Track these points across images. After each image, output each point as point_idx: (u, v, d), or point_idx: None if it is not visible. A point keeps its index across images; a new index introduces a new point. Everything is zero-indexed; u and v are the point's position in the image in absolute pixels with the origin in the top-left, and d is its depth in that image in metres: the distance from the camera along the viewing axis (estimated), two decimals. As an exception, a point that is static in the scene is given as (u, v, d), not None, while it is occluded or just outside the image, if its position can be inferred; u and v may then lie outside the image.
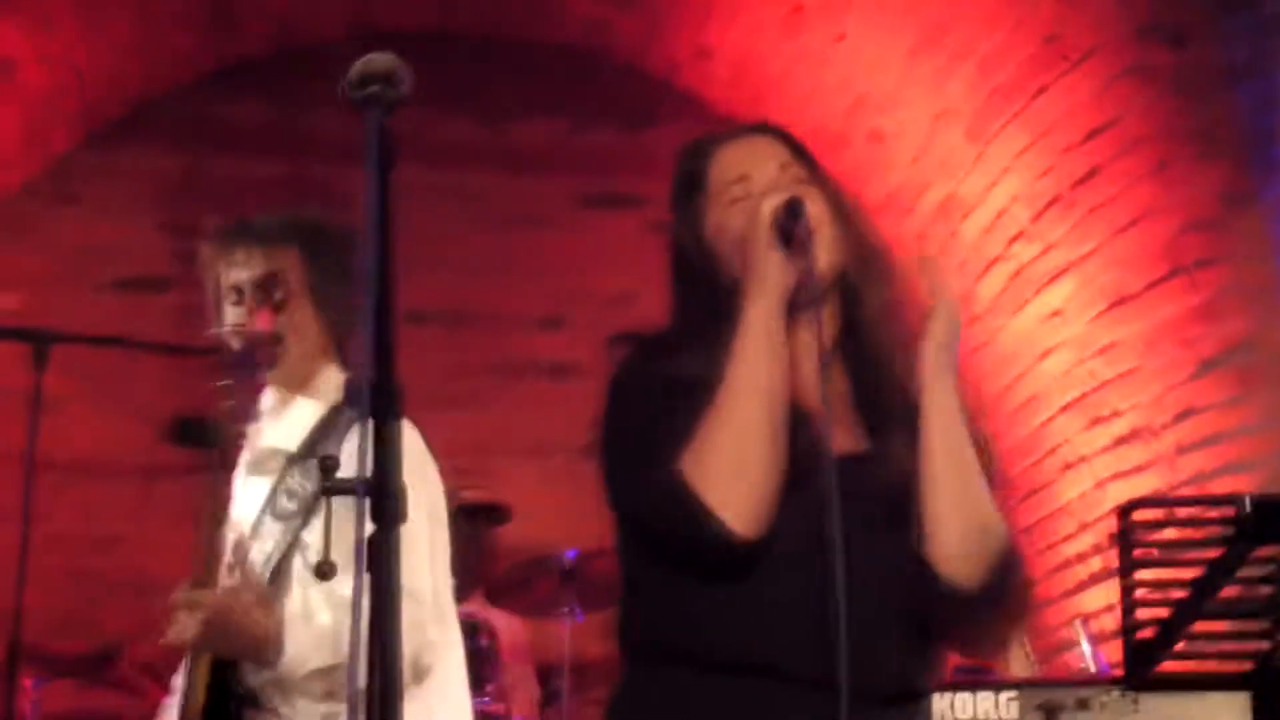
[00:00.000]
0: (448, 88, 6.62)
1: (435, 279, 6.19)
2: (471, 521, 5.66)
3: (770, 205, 2.47)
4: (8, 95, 5.98)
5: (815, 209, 2.47)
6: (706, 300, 2.60)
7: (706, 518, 2.34)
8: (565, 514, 5.47)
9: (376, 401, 1.76)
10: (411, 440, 3.29)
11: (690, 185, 2.68)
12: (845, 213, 2.59)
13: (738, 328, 2.44)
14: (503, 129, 7.00)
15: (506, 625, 5.77)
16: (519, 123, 7.02)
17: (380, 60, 2.02)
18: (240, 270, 3.43)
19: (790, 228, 2.44)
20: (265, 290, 3.43)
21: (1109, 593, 5.53)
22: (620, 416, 2.55)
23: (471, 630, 5.41)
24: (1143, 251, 5.32)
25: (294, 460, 3.41)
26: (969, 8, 5.47)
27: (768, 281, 2.45)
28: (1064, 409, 5.94)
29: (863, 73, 6.21)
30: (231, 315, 3.43)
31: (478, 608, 5.70)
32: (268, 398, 3.53)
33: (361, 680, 1.70)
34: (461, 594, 4.98)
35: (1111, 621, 5.43)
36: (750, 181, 2.60)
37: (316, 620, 3.15)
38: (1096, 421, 5.75)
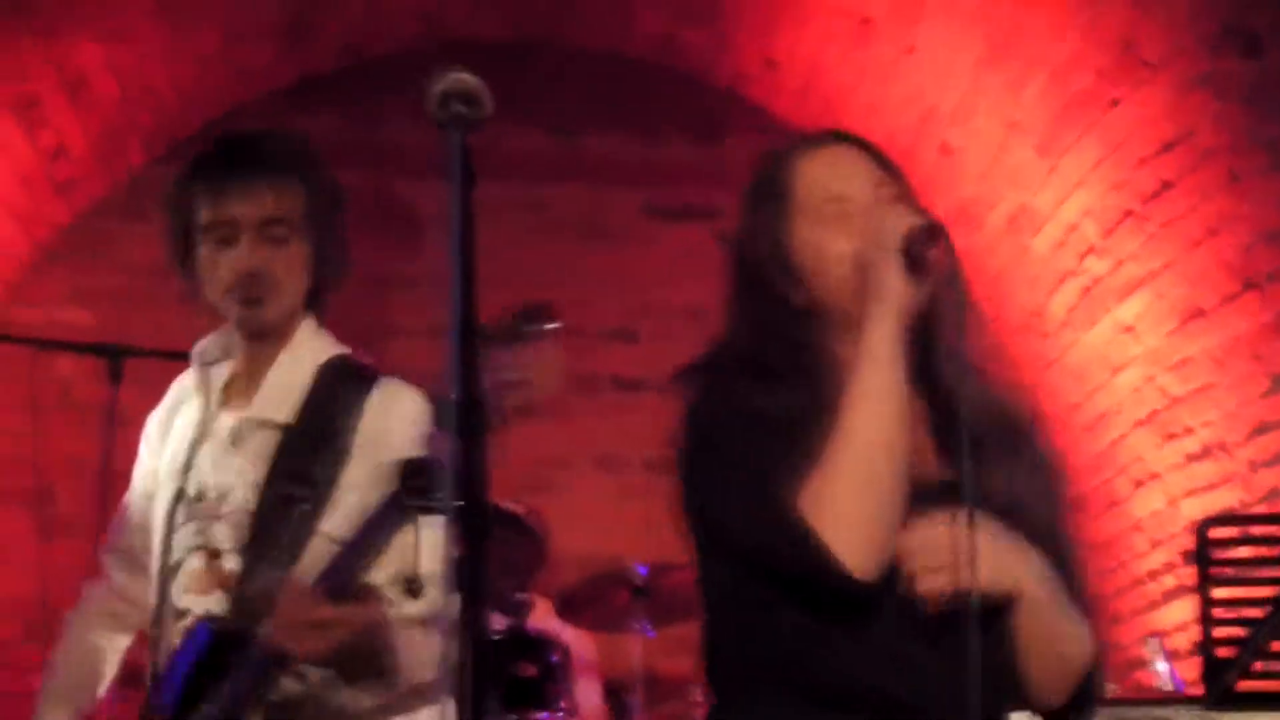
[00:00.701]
0: (519, 99, 6.64)
1: (506, 292, 6.17)
2: (503, 531, 5.64)
3: (904, 227, 2.40)
4: (83, 110, 6.03)
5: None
6: (777, 317, 2.55)
7: (829, 561, 2.28)
8: (637, 528, 5.47)
9: (464, 420, 1.76)
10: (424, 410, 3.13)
11: (770, 194, 2.62)
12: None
13: (860, 351, 2.38)
14: (573, 141, 7.02)
15: (577, 640, 5.76)
16: (589, 135, 7.04)
17: (463, 80, 2.04)
18: (237, 204, 3.11)
19: (922, 254, 2.38)
20: (268, 227, 3.13)
21: (1183, 610, 5.49)
22: (711, 449, 2.48)
23: (544, 646, 5.42)
24: (1215, 266, 5.28)
25: (292, 435, 3.15)
26: (1040, 17, 5.44)
27: (893, 304, 2.38)
28: (1136, 425, 5.91)
29: (932, 84, 6.19)
30: (224, 258, 3.12)
31: (549, 623, 5.70)
32: (232, 351, 3.29)
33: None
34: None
35: (1185, 640, 5.39)
36: (848, 202, 2.53)
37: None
38: (1169, 438, 5.72)
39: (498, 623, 5.36)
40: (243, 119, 6.72)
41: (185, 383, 3.34)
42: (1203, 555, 3.58)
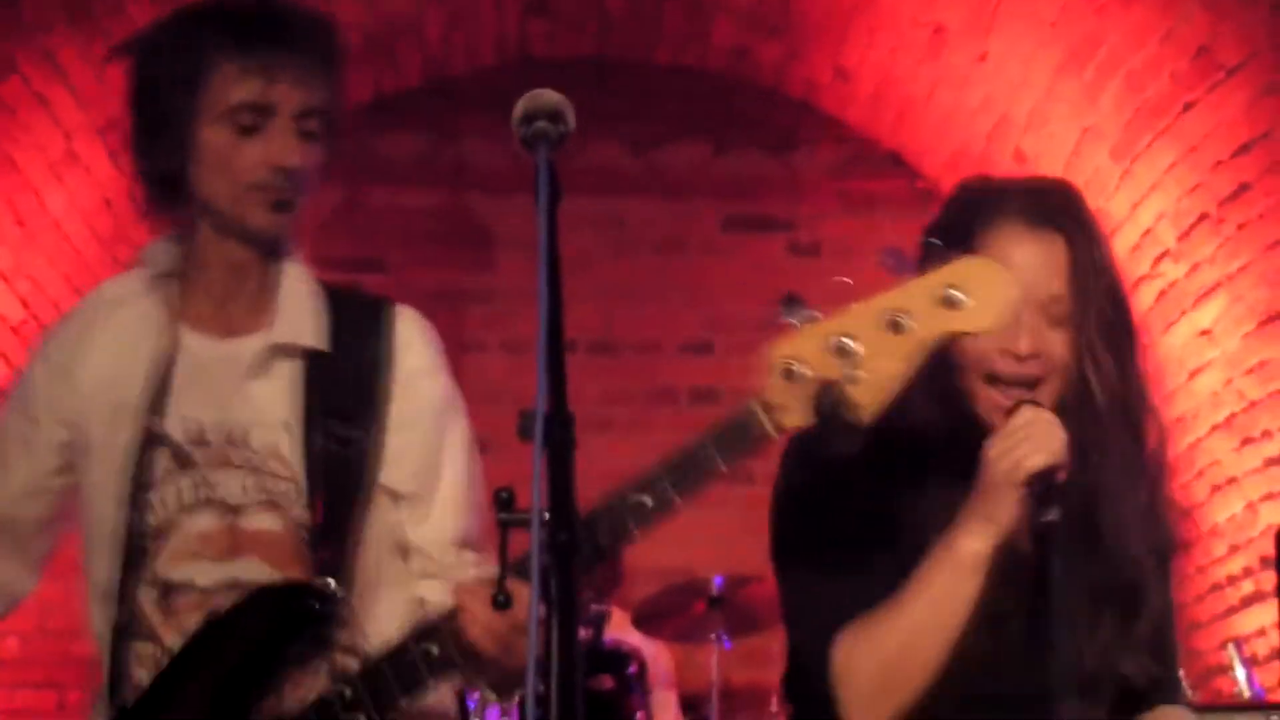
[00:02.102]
0: (597, 116, 6.68)
1: (584, 305, 6.24)
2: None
3: (1035, 466, 2.28)
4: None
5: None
6: (937, 367, 2.36)
7: (834, 708, 2.34)
8: (714, 540, 5.50)
9: (551, 432, 1.77)
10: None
11: (955, 240, 2.40)
12: (1095, 352, 2.42)
13: (944, 548, 2.32)
14: (649, 154, 7.05)
15: (654, 652, 5.78)
16: (665, 147, 7.07)
17: (547, 97, 2.04)
18: (281, 86, 2.54)
19: (1045, 497, 2.28)
20: (305, 119, 2.57)
21: (1262, 616, 5.45)
22: (803, 532, 2.50)
23: (621, 659, 5.44)
24: (1293, 269, 5.26)
25: (322, 364, 2.63)
26: (1117, 21, 5.43)
27: (999, 527, 2.31)
28: (1214, 429, 5.88)
29: (1006, 92, 6.18)
30: (250, 146, 2.54)
31: (626, 635, 5.72)
32: (190, 263, 2.67)
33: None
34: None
35: (1265, 646, 5.36)
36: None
37: None
38: (1247, 442, 5.68)
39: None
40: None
41: (110, 297, 2.74)
42: (1282, 559, 3.57)
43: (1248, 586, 5.74)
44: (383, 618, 2.53)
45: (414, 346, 2.69)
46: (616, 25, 6.81)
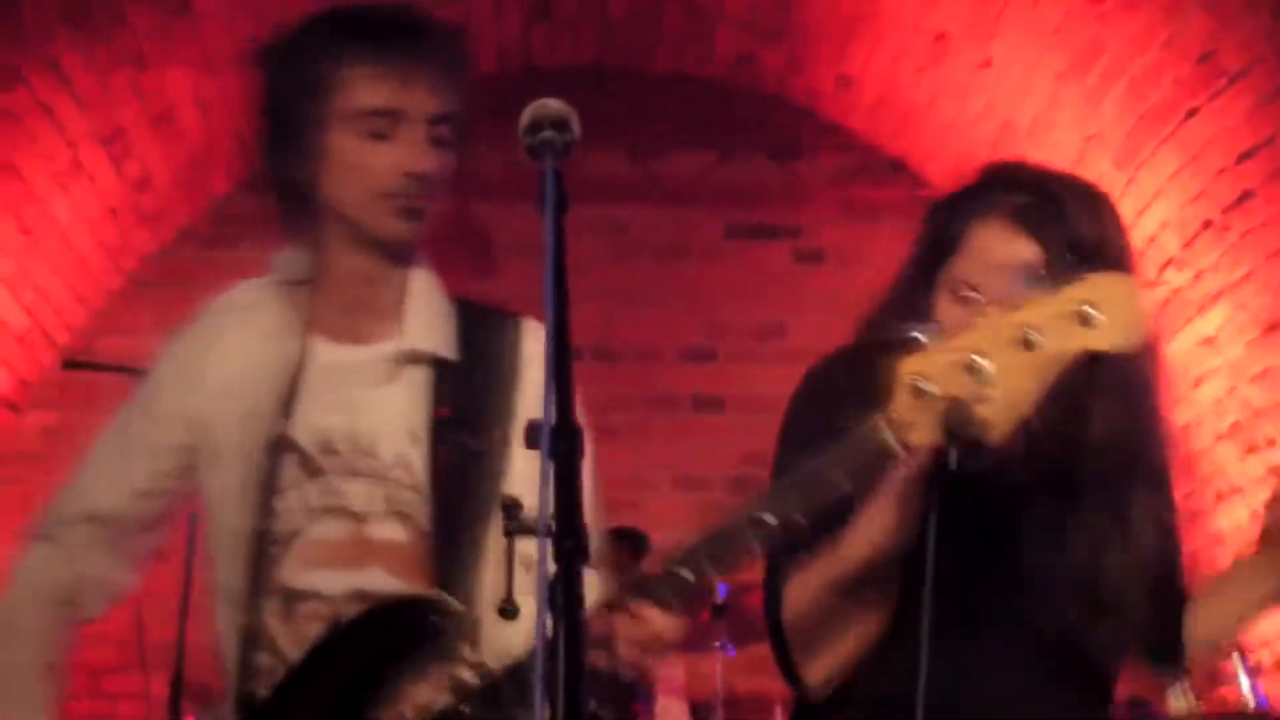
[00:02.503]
0: (600, 123, 6.67)
1: (586, 312, 6.22)
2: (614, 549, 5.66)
3: (947, 407, 2.19)
4: (168, 140, 6.11)
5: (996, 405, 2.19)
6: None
7: (792, 667, 2.43)
8: (718, 546, 5.49)
9: (558, 443, 1.77)
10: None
11: (943, 235, 2.52)
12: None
13: (885, 488, 2.28)
14: (651, 161, 7.05)
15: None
16: (667, 155, 7.08)
17: (552, 106, 2.04)
18: (414, 91, 2.53)
19: (961, 439, 2.18)
20: (437, 125, 2.56)
21: (1267, 625, 5.45)
22: (784, 461, 2.52)
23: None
24: (1297, 276, 5.26)
25: (450, 373, 2.60)
26: (1119, 28, 5.43)
27: (917, 465, 2.25)
28: (1219, 438, 5.87)
29: (1009, 99, 6.18)
30: (381, 153, 2.53)
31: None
32: (317, 271, 2.65)
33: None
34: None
35: (1269, 655, 5.36)
36: (981, 291, 2.42)
37: None
38: (1251, 450, 5.68)
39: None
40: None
41: (240, 302, 2.74)
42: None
43: (1252, 594, 5.72)
44: (506, 636, 2.42)
45: (540, 362, 2.48)
46: (618, 33, 6.81)
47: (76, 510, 2.73)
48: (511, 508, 1.88)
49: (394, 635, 2.43)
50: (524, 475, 2.51)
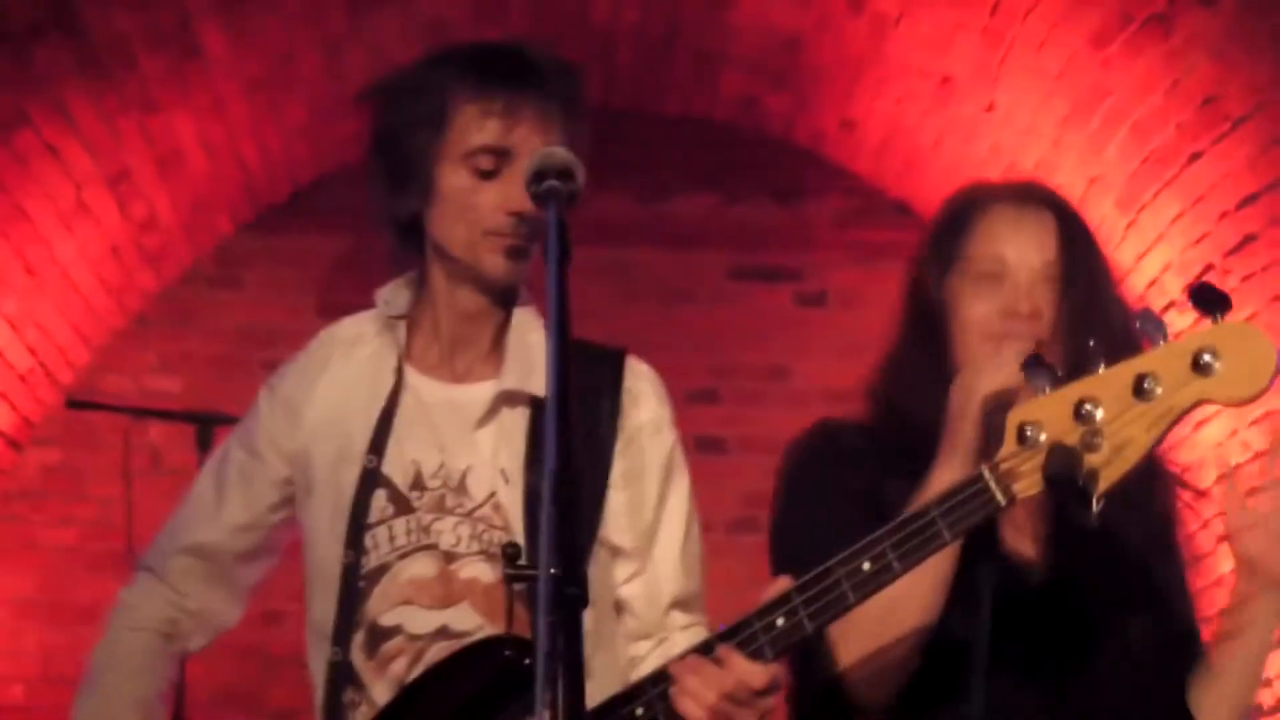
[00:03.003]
0: (606, 165, 6.67)
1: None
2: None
3: (986, 391, 2.28)
4: (173, 181, 6.13)
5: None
6: (935, 353, 2.49)
7: (836, 684, 2.33)
8: (722, 590, 5.47)
9: (558, 489, 1.76)
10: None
11: (951, 232, 2.56)
12: (1091, 314, 2.44)
13: (923, 488, 2.28)
14: (656, 203, 7.06)
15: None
16: (672, 197, 7.08)
17: (557, 155, 2.06)
18: (526, 130, 2.54)
19: (999, 422, 2.20)
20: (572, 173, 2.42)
21: (1268, 666, 5.44)
22: (792, 512, 2.53)
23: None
24: (1299, 320, 5.26)
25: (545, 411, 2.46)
26: (1123, 73, 5.45)
27: (965, 455, 2.29)
28: (1219, 480, 5.86)
29: (1013, 141, 6.20)
30: (491, 190, 2.53)
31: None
32: (416, 306, 2.67)
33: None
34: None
35: (1270, 696, 5.35)
36: (1006, 265, 2.46)
37: None
38: (1252, 493, 5.67)
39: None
40: (326, 187, 6.78)
41: (342, 336, 2.77)
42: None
43: (1255, 638, 5.71)
44: (599, 675, 2.39)
45: (643, 401, 2.69)
46: (625, 76, 6.83)
47: (178, 544, 2.76)
48: (512, 554, 1.88)
49: (490, 676, 2.39)
50: (620, 512, 2.56)
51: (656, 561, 2.61)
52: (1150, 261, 5.90)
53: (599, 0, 6.24)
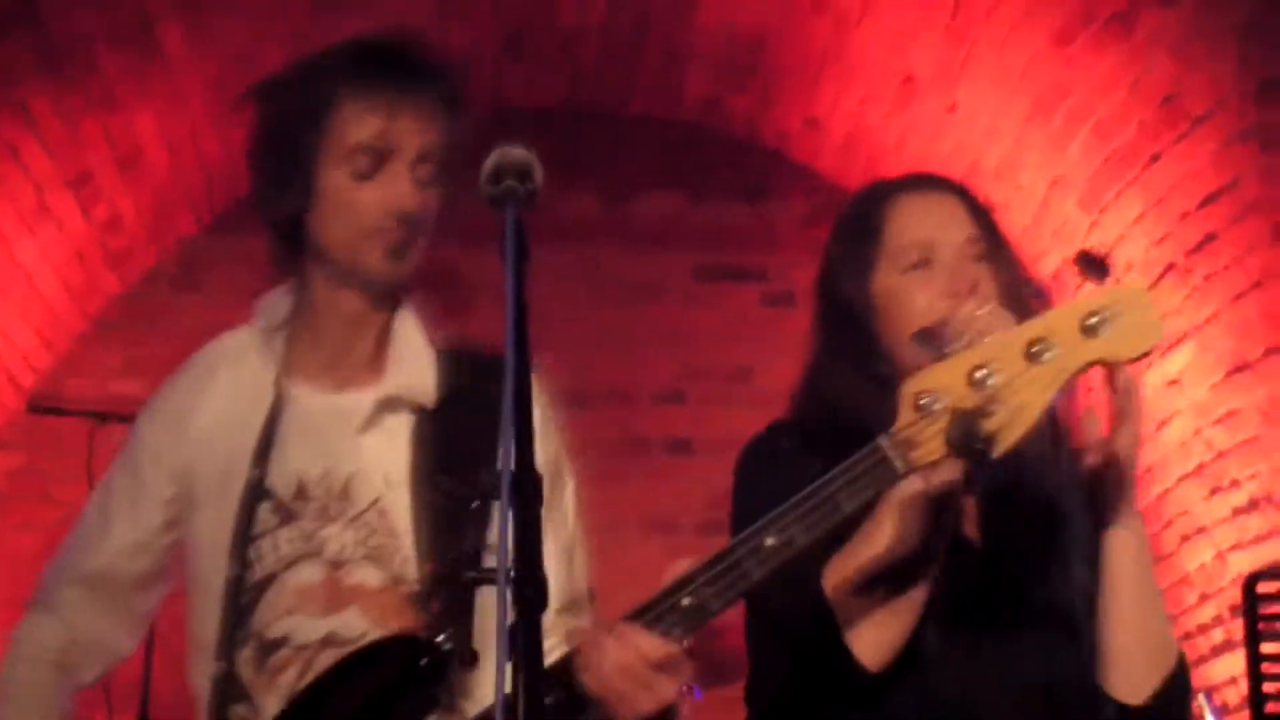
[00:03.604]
0: (570, 165, 6.67)
1: (556, 354, 6.22)
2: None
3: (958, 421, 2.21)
4: (135, 182, 6.10)
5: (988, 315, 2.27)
6: (859, 355, 2.51)
7: (838, 646, 2.29)
8: (686, 588, 5.49)
9: (516, 489, 1.76)
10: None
11: (862, 232, 2.56)
12: (1015, 290, 2.47)
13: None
14: (622, 204, 7.06)
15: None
16: (637, 197, 7.08)
17: (515, 154, 2.03)
18: (405, 127, 2.52)
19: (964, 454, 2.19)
20: (422, 164, 2.53)
21: (1232, 665, 5.46)
22: (751, 503, 2.51)
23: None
24: (1260, 318, 5.27)
25: (434, 420, 2.56)
26: (1085, 72, 5.47)
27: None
28: (1183, 479, 5.89)
29: (976, 141, 6.22)
30: (369, 191, 2.51)
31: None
32: (298, 314, 2.64)
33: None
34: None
35: (1236, 695, 5.37)
36: (932, 249, 2.48)
37: None
38: (1216, 491, 5.69)
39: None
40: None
41: (225, 349, 2.73)
42: (1251, 609, 3.57)
43: (1218, 635, 5.74)
44: (490, 682, 2.37)
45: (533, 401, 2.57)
46: (589, 74, 6.84)
47: (67, 575, 2.71)
48: (472, 556, 1.88)
49: (385, 677, 2.38)
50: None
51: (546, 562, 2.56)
52: (1113, 260, 5.91)
53: (564, -1, 6.24)
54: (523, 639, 1.66)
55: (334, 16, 5.85)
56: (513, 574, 1.70)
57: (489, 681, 2.27)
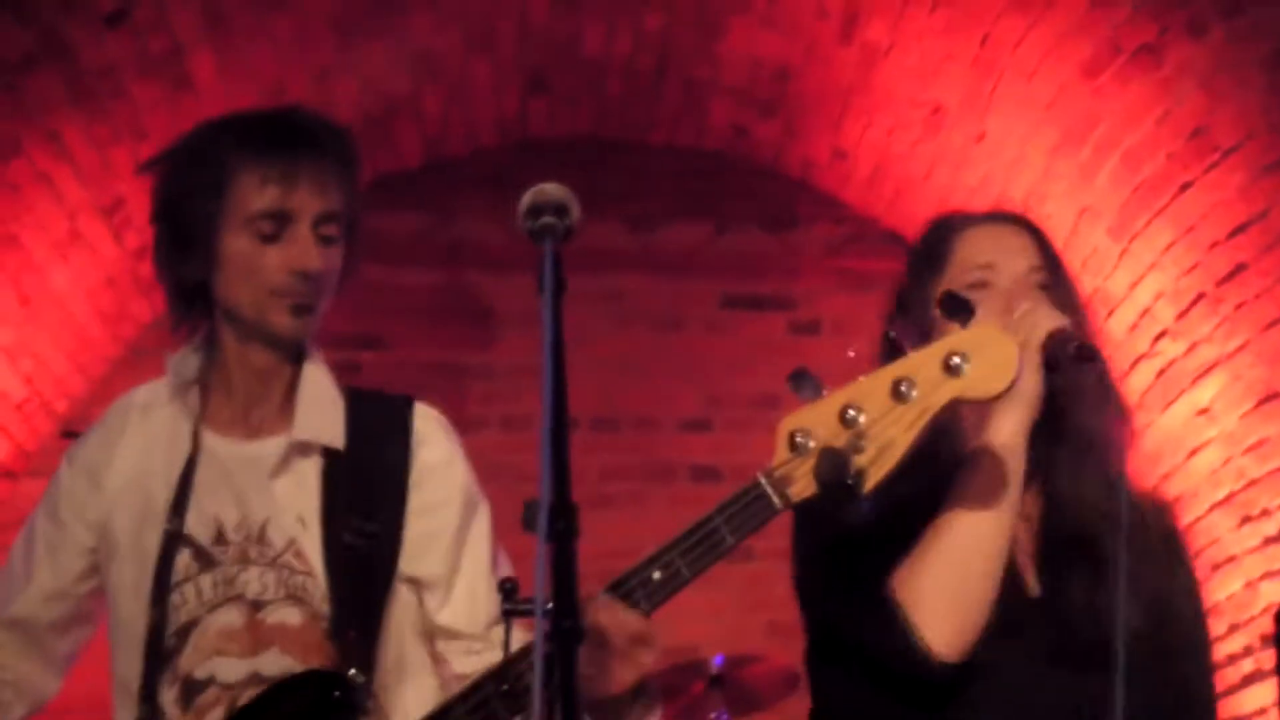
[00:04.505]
0: (597, 195, 6.69)
1: (583, 382, 6.22)
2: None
3: (1048, 329, 2.40)
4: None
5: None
6: None
7: (914, 640, 2.33)
8: (714, 618, 5.50)
9: (554, 523, 1.78)
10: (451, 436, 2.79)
11: (931, 261, 2.65)
12: (1081, 324, 2.53)
13: (983, 438, 2.40)
14: (648, 233, 7.07)
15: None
16: (663, 226, 7.09)
17: (552, 190, 2.07)
18: (302, 193, 2.61)
19: (1062, 359, 2.38)
20: (325, 224, 2.64)
21: (1262, 694, 5.45)
22: (819, 542, 2.54)
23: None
24: (1292, 348, 5.29)
25: (341, 463, 2.67)
26: (1113, 103, 5.47)
27: (1027, 400, 2.40)
28: (1213, 508, 5.88)
29: (1004, 171, 6.22)
30: (273, 253, 2.60)
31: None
32: (210, 368, 2.75)
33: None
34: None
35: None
36: (995, 270, 2.56)
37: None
38: (1246, 520, 5.69)
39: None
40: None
41: (137, 403, 2.82)
42: (1282, 640, 3.55)
43: (1248, 665, 5.73)
44: (410, 705, 2.56)
45: (430, 441, 2.76)
46: (614, 105, 6.86)
47: None
48: (509, 589, 1.89)
49: (299, 712, 2.48)
50: (419, 544, 2.66)
51: (469, 584, 2.67)
52: (1143, 290, 5.92)
53: (590, 31, 6.26)
54: (559, 669, 1.68)
55: (363, 48, 5.89)
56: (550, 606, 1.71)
57: (400, 710, 2.52)
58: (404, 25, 5.88)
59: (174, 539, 2.63)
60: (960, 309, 2.30)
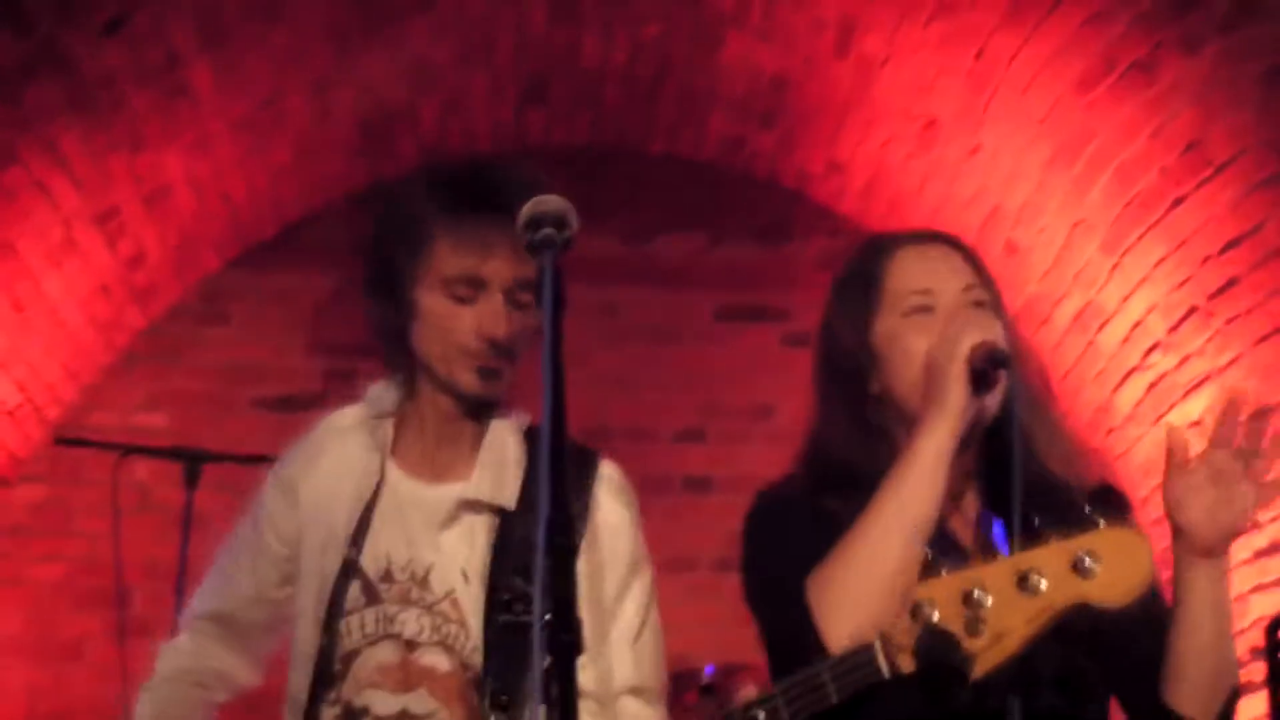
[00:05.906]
0: (593, 205, 6.68)
1: (576, 393, 6.21)
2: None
3: (973, 342, 2.42)
4: (160, 219, 6.14)
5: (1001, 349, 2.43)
6: (856, 411, 2.59)
7: (814, 637, 2.35)
8: (706, 628, 5.49)
9: (552, 537, 1.78)
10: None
11: (863, 282, 2.65)
12: (1013, 341, 2.54)
13: (906, 451, 2.42)
14: (643, 244, 7.08)
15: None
16: (659, 237, 7.10)
17: (552, 203, 2.08)
18: (496, 261, 2.65)
19: (986, 374, 2.41)
20: (519, 291, 2.67)
21: (1252, 707, 5.45)
22: (759, 542, 2.58)
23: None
24: (1283, 362, 5.30)
25: (513, 521, 2.71)
26: (1107, 118, 5.49)
27: (952, 414, 2.41)
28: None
29: (998, 184, 6.24)
30: (466, 315, 2.67)
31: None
32: (403, 408, 2.83)
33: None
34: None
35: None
36: (932, 296, 2.57)
37: None
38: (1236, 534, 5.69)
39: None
40: (314, 224, 6.80)
41: (339, 425, 2.89)
42: (1272, 652, 3.57)
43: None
44: None
45: (606, 506, 2.83)
46: (611, 116, 6.87)
47: (201, 607, 2.97)
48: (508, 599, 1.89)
49: None
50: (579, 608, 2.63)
51: (610, 650, 2.71)
52: (1135, 304, 5.93)
53: (588, 41, 6.27)
54: (558, 683, 1.69)
55: (361, 57, 5.90)
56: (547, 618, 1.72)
57: None
58: (401, 35, 5.89)
59: (349, 569, 2.71)
60: (1111, 505, 2.42)
